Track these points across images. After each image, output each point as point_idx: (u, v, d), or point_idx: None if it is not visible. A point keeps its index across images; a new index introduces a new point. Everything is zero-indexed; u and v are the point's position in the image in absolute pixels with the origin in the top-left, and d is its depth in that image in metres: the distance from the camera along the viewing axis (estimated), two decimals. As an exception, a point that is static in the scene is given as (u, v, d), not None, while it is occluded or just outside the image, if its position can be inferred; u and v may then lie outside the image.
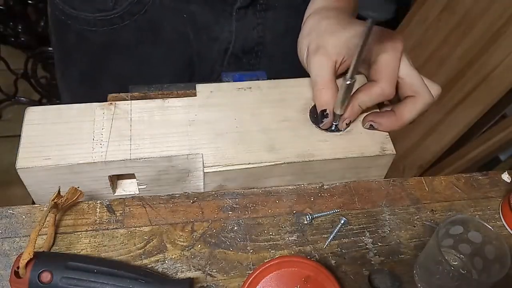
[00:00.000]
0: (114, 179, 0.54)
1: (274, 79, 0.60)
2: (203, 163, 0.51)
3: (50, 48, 1.60)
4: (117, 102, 0.54)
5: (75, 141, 0.50)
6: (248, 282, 0.44)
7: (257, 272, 0.45)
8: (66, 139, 0.50)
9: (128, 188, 0.55)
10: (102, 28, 0.63)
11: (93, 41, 0.66)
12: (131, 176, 0.53)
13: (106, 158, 0.49)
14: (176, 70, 0.69)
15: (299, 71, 0.59)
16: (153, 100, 0.55)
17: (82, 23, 0.64)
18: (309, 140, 0.54)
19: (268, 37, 0.67)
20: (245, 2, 0.62)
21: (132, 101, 0.55)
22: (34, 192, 0.51)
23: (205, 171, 0.51)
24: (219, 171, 0.51)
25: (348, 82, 0.49)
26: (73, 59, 0.71)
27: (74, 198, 0.48)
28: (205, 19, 0.63)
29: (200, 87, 0.57)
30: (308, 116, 0.56)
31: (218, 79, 0.69)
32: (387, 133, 0.56)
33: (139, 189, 0.54)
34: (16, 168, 0.48)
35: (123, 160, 0.50)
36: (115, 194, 0.54)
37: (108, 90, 0.58)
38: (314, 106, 0.57)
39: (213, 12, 0.63)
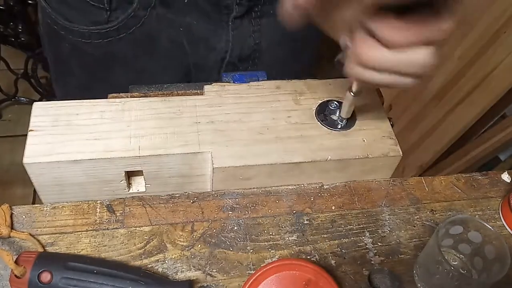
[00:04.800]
0: (126, 176, 0.54)
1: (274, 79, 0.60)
2: (212, 161, 0.51)
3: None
4: (125, 100, 0.54)
5: (80, 137, 0.50)
6: (249, 283, 0.44)
7: (258, 274, 0.45)
8: (71, 135, 0.50)
9: (141, 186, 0.55)
10: (97, 40, 0.63)
11: (88, 53, 0.65)
12: (141, 173, 0.53)
13: (113, 155, 0.49)
14: (173, 79, 0.68)
15: (296, 77, 0.59)
16: (161, 98, 0.56)
17: (75, 35, 0.63)
18: (314, 140, 0.54)
19: (264, 44, 0.67)
20: (241, 11, 0.61)
21: (140, 98, 0.55)
22: (39, 187, 0.51)
23: (214, 166, 0.51)
24: (227, 167, 0.51)
25: (352, 94, 0.50)
26: (68, 68, 0.70)
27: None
28: (202, 30, 0.63)
29: (207, 87, 0.57)
30: (314, 115, 0.56)
31: (218, 81, 0.69)
32: (394, 135, 0.56)
33: (146, 186, 0.54)
34: (23, 163, 0.48)
35: (131, 157, 0.49)
36: (129, 192, 0.54)
37: (105, 98, 0.57)
38: (320, 105, 0.57)
39: (210, 23, 0.62)
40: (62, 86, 0.76)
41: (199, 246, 0.49)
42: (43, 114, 0.52)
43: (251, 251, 0.50)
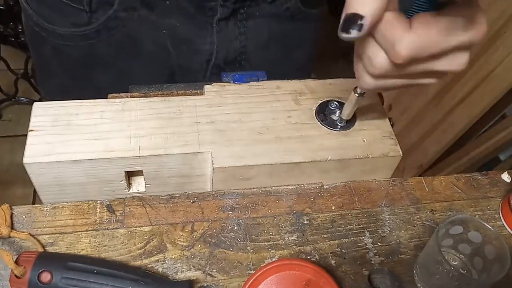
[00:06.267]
0: (126, 176, 0.54)
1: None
2: (212, 161, 0.51)
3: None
4: (125, 100, 0.54)
5: (80, 137, 0.50)
6: (249, 283, 0.44)
7: (258, 274, 0.45)
8: (71, 135, 0.50)
9: (141, 186, 0.55)
10: (78, 43, 0.62)
11: (70, 55, 0.64)
12: (141, 173, 0.53)
13: (113, 155, 0.49)
14: (157, 81, 0.67)
15: (290, 78, 0.59)
16: (161, 98, 0.56)
17: (56, 37, 0.62)
18: (314, 140, 0.54)
19: (251, 46, 0.66)
20: (225, 13, 0.60)
21: (140, 98, 0.55)
22: (39, 188, 0.51)
23: (214, 166, 0.50)
24: (227, 167, 0.51)
25: (357, 95, 0.50)
26: (50, 71, 0.70)
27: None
28: (186, 32, 0.62)
29: (207, 87, 0.57)
30: (313, 115, 0.56)
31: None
32: (394, 135, 0.56)
33: (146, 186, 0.54)
34: (23, 163, 0.48)
35: (131, 157, 0.49)
36: (129, 192, 0.54)
37: (88, 99, 0.57)
38: (320, 105, 0.57)
39: (194, 25, 0.61)
40: (45, 87, 0.76)
41: (199, 246, 0.49)
42: (43, 114, 0.52)
43: (251, 251, 0.50)
